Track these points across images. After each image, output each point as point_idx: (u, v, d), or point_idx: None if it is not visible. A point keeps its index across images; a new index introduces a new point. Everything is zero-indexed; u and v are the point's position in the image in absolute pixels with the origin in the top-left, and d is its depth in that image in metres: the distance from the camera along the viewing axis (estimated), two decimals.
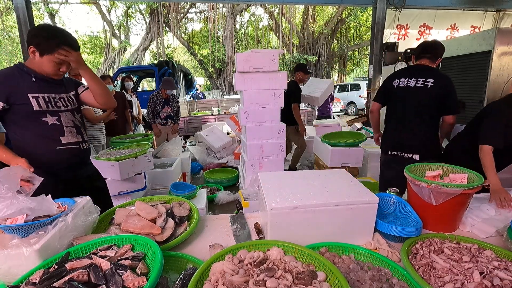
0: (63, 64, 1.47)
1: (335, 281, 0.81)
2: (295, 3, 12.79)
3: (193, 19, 20.33)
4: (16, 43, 15.27)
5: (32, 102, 1.41)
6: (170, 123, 4.60)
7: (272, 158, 2.87)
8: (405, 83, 2.19)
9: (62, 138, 1.52)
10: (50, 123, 1.47)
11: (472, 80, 4.12)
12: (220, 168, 4.83)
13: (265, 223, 1.21)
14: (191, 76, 9.42)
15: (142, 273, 0.85)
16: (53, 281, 0.79)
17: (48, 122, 1.47)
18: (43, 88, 1.47)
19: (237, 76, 2.65)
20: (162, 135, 4.63)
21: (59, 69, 1.47)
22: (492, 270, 0.92)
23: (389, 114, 2.36)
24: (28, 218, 1.04)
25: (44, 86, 1.47)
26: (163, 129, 4.60)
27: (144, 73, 8.53)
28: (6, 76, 1.39)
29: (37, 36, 1.40)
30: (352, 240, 1.12)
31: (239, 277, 0.81)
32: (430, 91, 2.08)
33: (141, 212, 1.21)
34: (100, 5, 16.58)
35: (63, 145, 1.52)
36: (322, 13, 19.11)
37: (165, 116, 4.52)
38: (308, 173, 1.45)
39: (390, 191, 1.41)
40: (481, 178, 1.22)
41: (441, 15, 6.73)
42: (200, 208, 2.52)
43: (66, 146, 1.53)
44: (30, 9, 5.03)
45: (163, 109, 4.48)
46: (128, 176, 2.63)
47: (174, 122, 4.65)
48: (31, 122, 1.43)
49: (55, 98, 1.51)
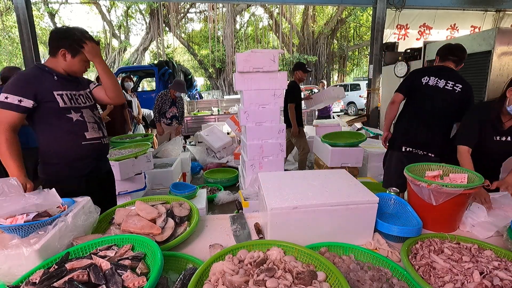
0: (89, 62, 1.58)
1: (335, 281, 0.81)
2: (295, 3, 12.78)
3: (193, 19, 20.35)
4: (16, 43, 15.25)
5: (58, 99, 1.49)
6: (175, 124, 4.65)
7: (272, 158, 2.87)
8: (434, 82, 2.17)
9: (86, 133, 1.59)
10: (75, 119, 1.54)
11: (472, 80, 4.11)
12: (220, 168, 4.83)
13: (265, 223, 1.21)
14: (191, 76, 9.41)
15: (142, 273, 0.85)
16: (53, 281, 0.79)
17: (73, 119, 1.54)
18: (65, 86, 1.54)
19: (237, 76, 2.65)
20: (165, 135, 4.65)
21: (86, 67, 1.59)
22: (492, 270, 0.92)
23: (411, 110, 2.30)
24: (28, 218, 1.04)
25: (65, 84, 1.55)
26: (167, 128, 4.63)
27: (144, 73, 8.52)
28: (33, 76, 1.45)
29: (67, 38, 1.48)
30: (352, 240, 1.12)
31: (239, 277, 0.81)
32: (457, 96, 2.11)
33: (141, 212, 1.21)
34: (100, 5, 16.59)
35: (87, 140, 1.59)
36: (322, 13, 19.11)
37: (171, 116, 4.57)
38: (308, 173, 1.45)
39: (390, 191, 1.41)
40: (481, 178, 1.22)
41: (441, 15, 6.73)
42: (200, 208, 2.52)
43: (90, 141, 1.60)
44: (30, 9, 5.03)
45: (170, 109, 4.52)
46: (128, 176, 2.63)
47: (179, 123, 4.71)
48: (58, 118, 1.50)
49: (76, 95, 1.58)
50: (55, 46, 1.49)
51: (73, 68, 1.55)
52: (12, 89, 1.37)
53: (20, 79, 1.42)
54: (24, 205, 1.04)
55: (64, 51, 1.49)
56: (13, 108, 1.37)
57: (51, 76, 1.50)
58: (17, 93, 1.37)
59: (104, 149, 1.74)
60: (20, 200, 1.07)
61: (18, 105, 1.37)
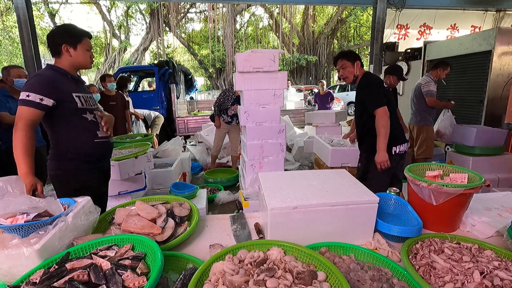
0: (90, 50, 1.64)
1: (335, 281, 0.81)
2: (295, 3, 12.77)
3: (193, 19, 20.35)
4: (17, 43, 15.26)
5: (76, 100, 1.57)
6: (234, 123, 4.40)
7: (272, 158, 2.87)
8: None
9: (98, 132, 1.69)
10: (89, 119, 1.65)
11: (472, 80, 4.13)
12: (220, 168, 4.83)
13: (265, 223, 1.21)
14: (191, 76, 9.40)
15: (142, 273, 0.85)
16: (53, 281, 0.79)
17: (88, 119, 1.65)
18: (79, 89, 1.63)
19: (237, 76, 2.65)
20: (222, 133, 4.51)
21: (90, 56, 1.64)
22: (493, 270, 0.91)
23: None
24: (28, 218, 1.04)
25: (79, 86, 1.65)
26: (226, 127, 4.45)
27: (144, 73, 8.51)
28: (54, 77, 1.51)
29: (62, 33, 1.55)
30: (352, 240, 1.12)
31: (239, 277, 0.81)
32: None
33: (141, 212, 1.21)
34: (100, 5, 16.58)
35: (99, 138, 1.69)
36: (322, 13, 19.12)
37: (232, 114, 4.32)
38: (308, 173, 1.45)
39: (390, 191, 1.41)
40: (481, 178, 1.22)
41: (441, 15, 6.72)
42: (200, 208, 2.53)
43: (100, 139, 1.70)
44: (30, 9, 5.02)
45: (232, 107, 4.26)
46: (128, 176, 2.63)
47: (238, 122, 4.38)
48: (76, 118, 1.60)
49: (86, 98, 1.67)
50: (56, 44, 1.54)
51: (79, 60, 1.59)
52: (35, 89, 1.42)
53: (44, 79, 1.47)
54: (27, 206, 1.04)
55: (66, 46, 1.54)
56: (34, 105, 1.41)
57: (66, 78, 1.57)
58: (40, 92, 1.42)
59: (110, 148, 1.86)
60: (24, 201, 1.06)
61: (39, 103, 1.42)
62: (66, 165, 1.61)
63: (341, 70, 2.23)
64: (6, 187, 1.12)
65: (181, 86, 8.47)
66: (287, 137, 5.83)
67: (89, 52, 1.62)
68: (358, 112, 2.30)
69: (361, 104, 2.21)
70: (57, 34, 1.56)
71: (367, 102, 2.12)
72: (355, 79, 2.21)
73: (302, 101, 10.03)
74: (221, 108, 4.33)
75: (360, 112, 2.25)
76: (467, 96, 4.24)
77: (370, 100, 2.10)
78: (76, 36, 1.56)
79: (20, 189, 1.16)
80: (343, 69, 2.20)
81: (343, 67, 2.20)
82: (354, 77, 2.20)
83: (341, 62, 2.20)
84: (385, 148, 2.05)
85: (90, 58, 1.65)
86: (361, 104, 2.21)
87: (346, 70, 2.19)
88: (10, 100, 2.70)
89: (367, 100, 2.13)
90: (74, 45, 1.55)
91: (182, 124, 7.65)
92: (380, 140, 2.05)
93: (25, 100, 1.40)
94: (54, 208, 1.11)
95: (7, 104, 2.67)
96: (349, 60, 2.18)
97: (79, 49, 1.57)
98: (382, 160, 2.06)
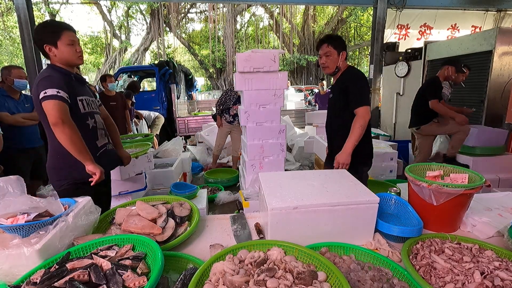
0: (75, 43, 1.49)
1: (335, 281, 0.81)
2: (296, 3, 12.78)
3: (194, 19, 20.32)
4: (17, 43, 15.28)
5: (79, 105, 1.49)
6: (236, 123, 4.34)
7: (273, 158, 2.87)
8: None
9: (97, 142, 1.59)
10: (90, 126, 1.55)
11: (473, 80, 4.12)
12: (221, 168, 4.83)
13: (265, 223, 1.21)
14: (191, 77, 9.41)
15: (142, 273, 0.86)
16: (54, 281, 0.79)
17: (89, 125, 1.55)
18: (82, 91, 1.53)
19: (237, 76, 2.65)
20: (225, 133, 4.48)
21: (76, 50, 1.50)
22: (493, 270, 0.91)
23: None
24: (29, 218, 1.04)
25: (82, 87, 1.55)
26: (228, 126, 4.42)
27: (145, 73, 8.52)
28: (63, 79, 1.44)
29: (41, 33, 1.45)
30: (352, 240, 1.12)
31: (240, 277, 0.81)
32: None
33: (141, 212, 1.22)
34: (100, 5, 16.58)
35: (99, 149, 1.60)
36: (322, 13, 19.11)
37: (234, 114, 4.27)
38: (308, 173, 1.45)
39: (390, 191, 1.41)
40: (482, 178, 1.22)
41: (441, 15, 6.72)
42: (201, 208, 2.52)
43: (100, 149, 1.61)
44: (31, 9, 5.04)
45: (234, 106, 4.22)
46: (129, 176, 2.63)
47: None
48: (79, 125, 1.47)
49: (89, 100, 1.57)
50: (39, 46, 1.47)
51: (64, 58, 1.48)
52: (48, 85, 1.36)
53: (53, 77, 1.40)
54: (28, 205, 1.04)
55: (47, 46, 1.45)
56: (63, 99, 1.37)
57: (70, 78, 1.50)
58: (55, 86, 1.36)
59: (112, 155, 1.77)
60: (25, 201, 1.06)
61: (63, 96, 1.37)
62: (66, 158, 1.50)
63: (324, 57, 1.95)
64: (7, 187, 1.12)
65: (182, 86, 8.48)
66: (288, 137, 5.83)
67: (72, 46, 1.47)
68: (337, 107, 2.03)
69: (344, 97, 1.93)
70: (36, 35, 1.47)
71: (353, 97, 1.87)
72: (336, 71, 1.97)
73: (302, 101, 10.04)
74: (223, 107, 4.32)
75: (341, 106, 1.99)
76: (467, 96, 4.24)
77: (358, 95, 1.87)
78: (53, 33, 1.44)
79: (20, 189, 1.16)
80: (326, 56, 1.94)
81: (327, 55, 1.93)
82: (336, 68, 1.95)
83: (327, 49, 1.93)
84: (351, 152, 1.84)
85: (77, 52, 1.50)
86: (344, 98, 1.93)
87: (330, 58, 1.93)
88: (8, 100, 2.70)
89: (353, 94, 1.88)
90: (53, 43, 1.44)
91: (183, 124, 7.67)
92: (351, 140, 1.83)
93: (53, 95, 1.34)
94: (55, 208, 1.11)
95: (5, 104, 2.67)
96: (336, 49, 1.92)
97: (60, 45, 1.45)
98: (344, 162, 1.84)
